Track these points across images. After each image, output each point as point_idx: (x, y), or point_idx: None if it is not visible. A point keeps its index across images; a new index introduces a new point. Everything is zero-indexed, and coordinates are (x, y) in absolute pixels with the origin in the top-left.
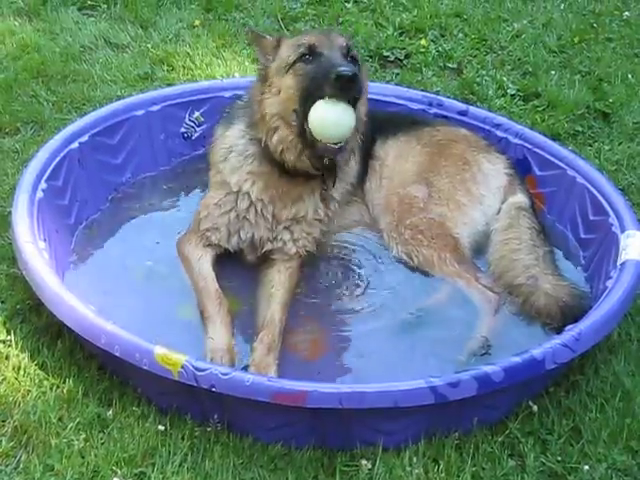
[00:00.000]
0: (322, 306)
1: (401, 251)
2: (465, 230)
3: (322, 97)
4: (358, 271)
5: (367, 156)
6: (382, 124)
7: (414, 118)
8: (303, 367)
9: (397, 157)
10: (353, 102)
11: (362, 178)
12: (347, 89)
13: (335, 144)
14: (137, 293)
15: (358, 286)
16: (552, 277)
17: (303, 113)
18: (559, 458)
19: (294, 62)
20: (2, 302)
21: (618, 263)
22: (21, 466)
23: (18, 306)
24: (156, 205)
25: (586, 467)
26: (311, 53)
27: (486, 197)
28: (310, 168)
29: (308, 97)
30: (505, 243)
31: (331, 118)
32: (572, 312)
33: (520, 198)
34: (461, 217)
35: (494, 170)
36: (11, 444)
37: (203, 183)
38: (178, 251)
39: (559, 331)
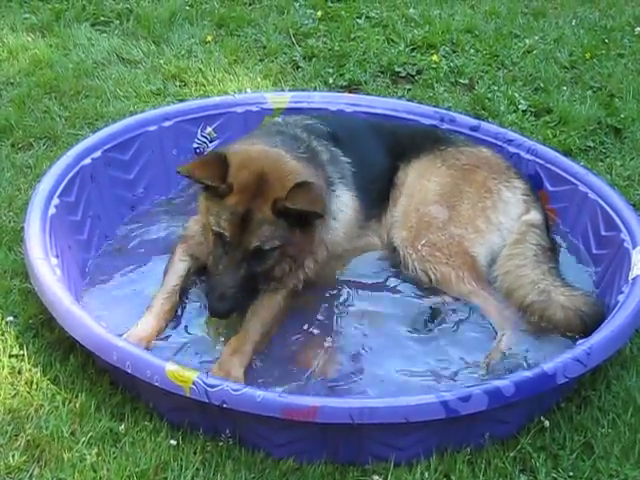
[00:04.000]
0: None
1: (417, 268)
2: (483, 250)
3: None
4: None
5: (389, 185)
6: (404, 147)
7: (437, 135)
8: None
9: (419, 176)
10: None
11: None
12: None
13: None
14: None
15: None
16: (564, 288)
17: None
18: (571, 473)
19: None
20: (15, 317)
21: (630, 278)
22: None
23: (31, 321)
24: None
25: None
26: (221, 244)
27: (504, 224)
28: None
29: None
30: (510, 258)
31: None
32: (593, 320)
33: (532, 215)
34: (479, 239)
35: (514, 199)
36: (24, 458)
37: None
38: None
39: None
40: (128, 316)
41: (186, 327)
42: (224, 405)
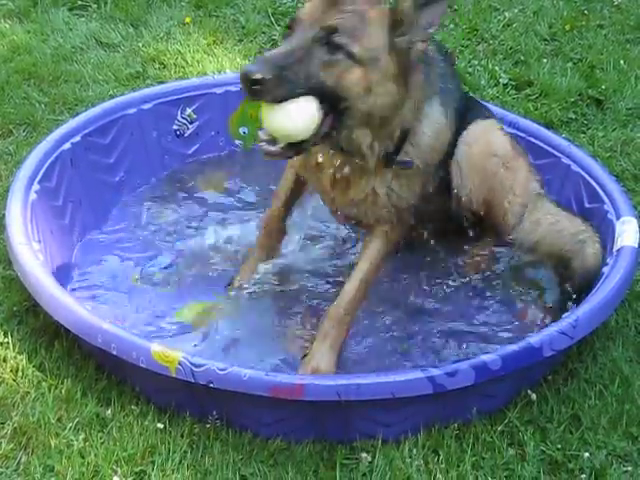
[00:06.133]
0: None
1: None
2: None
3: None
4: None
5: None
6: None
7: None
8: None
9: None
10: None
11: None
12: (253, 93)
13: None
14: (133, 296)
15: None
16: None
17: None
18: (559, 446)
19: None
20: None
21: (614, 250)
22: (21, 467)
23: (15, 308)
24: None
25: (586, 454)
26: (289, 31)
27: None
28: None
29: None
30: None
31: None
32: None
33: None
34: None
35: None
36: (11, 446)
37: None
38: None
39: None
40: (112, 301)
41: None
42: (210, 385)
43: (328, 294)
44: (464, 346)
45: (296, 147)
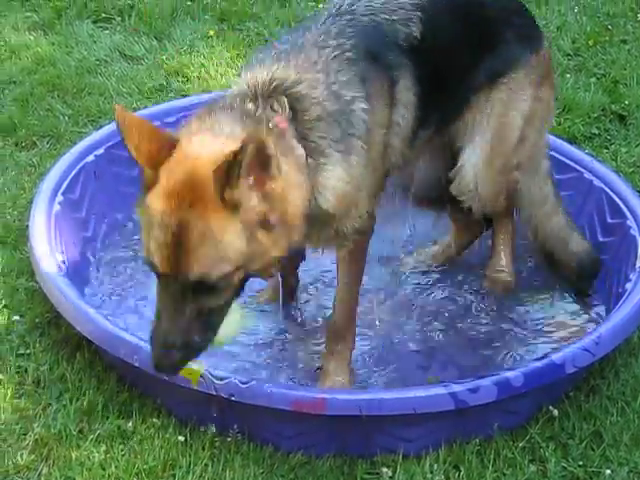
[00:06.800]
0: None
1: None
2: None
3: None
4: None
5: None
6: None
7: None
8: None
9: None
10: None
11: None
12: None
13: None
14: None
15: None
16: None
17: None
18: (580, 462)
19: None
20: (21, 316)
21: (637, 266)
22: (42, 479)
23: (37, 319)
24: None
25: (608, 471)
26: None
27: None
28: None
29: None
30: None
31: None
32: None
33: None
34: None
35: None
36: (32, 457)
37: None
38: None
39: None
40: (134, 312)
41: None
42: (232, 398)
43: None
44: (487, 362)
45: None
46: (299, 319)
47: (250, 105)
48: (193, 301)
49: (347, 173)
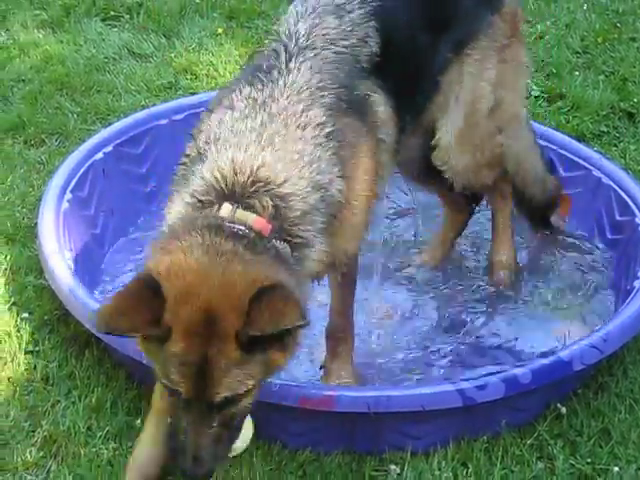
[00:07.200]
0: None
1: None
2: None
3: None
4: None
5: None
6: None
7: None
8: None
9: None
10: None
11: None
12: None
13: None
14: None
15: None
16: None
17: None
18: (589, 460)
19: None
20: (30, 313)
21: None
22: (51, 476)
23: (46, 317)
24: None
25: (616, 469)
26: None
27: None
28: None
29: None
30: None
31: None
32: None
33: None
34: None
35: None
36: (41, 454)
37: None
38: None
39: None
40: None
41: None
42: None
43: None
44: (494, 359)
45: None
46: None
47: (225, 211)
48: (219, 416)
49: (329, 250)
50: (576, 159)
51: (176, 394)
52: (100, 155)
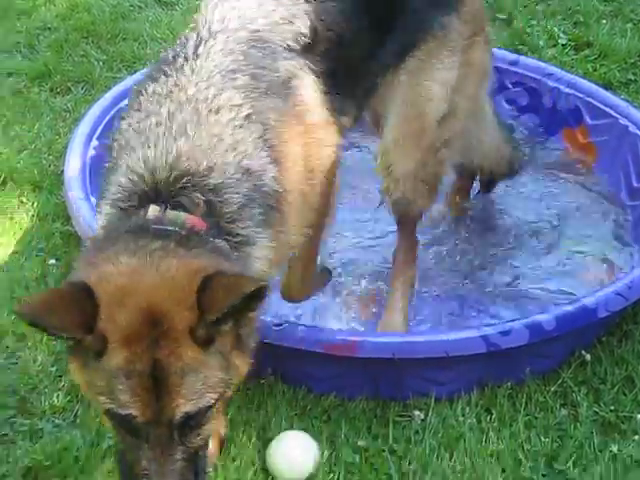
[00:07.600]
0: None
1: None
2: None
3: None
4: None
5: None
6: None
7: None
8: None
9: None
10: None
11: None
12: None
13: None
14: None
15: None
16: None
17: None
18: (612, 407)
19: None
20: (57, 259)
21: None
22: (78, 420)
23: (73, 263)
24: None
25: (639, 416)
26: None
27: None
28: None
29: None
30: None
31: None
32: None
33: None
34: None
35: None
36: (68, 398)
37: None
38: None
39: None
40: None
41: None
42: (265, 340)
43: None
44: (518, 306)
45: None
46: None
47: (152, 214)
48: (181, 447)
49: (274, 248)
50: (603, 107)
51: (127, 421)
52: (126, 102)
